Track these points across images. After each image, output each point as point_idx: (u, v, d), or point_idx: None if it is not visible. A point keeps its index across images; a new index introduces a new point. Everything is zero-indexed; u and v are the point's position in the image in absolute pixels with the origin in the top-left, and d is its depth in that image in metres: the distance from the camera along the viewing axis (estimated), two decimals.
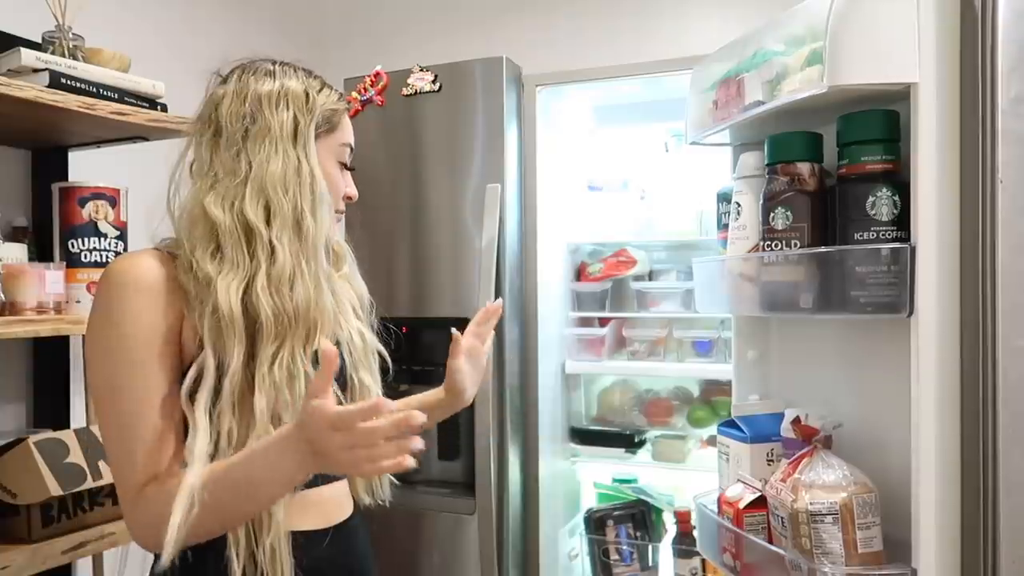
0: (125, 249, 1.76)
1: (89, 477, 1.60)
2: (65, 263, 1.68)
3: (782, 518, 1.27)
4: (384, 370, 1.30)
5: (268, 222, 1.10)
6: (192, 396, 1.04)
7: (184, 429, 1.05)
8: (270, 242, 1.09)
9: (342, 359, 1.19)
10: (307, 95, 1.19)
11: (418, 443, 0.93)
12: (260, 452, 0.99)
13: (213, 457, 1.02)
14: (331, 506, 1.22)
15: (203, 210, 1.09)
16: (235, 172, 1.11)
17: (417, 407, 1.00)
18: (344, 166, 1.25)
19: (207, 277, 1.06)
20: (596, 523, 2.49)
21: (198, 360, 1.05)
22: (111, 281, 1.05)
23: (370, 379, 1.25)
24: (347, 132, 1.25)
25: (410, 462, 0.92)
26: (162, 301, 1.05)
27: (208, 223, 1.09)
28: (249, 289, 1.07)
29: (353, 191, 1.27)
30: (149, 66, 1.84)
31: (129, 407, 1.03)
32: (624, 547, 2.45)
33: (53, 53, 1.62)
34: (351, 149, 1.26)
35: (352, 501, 1.27)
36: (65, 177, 1.90)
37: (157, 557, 0.99)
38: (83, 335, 1.91)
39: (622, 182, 2.65)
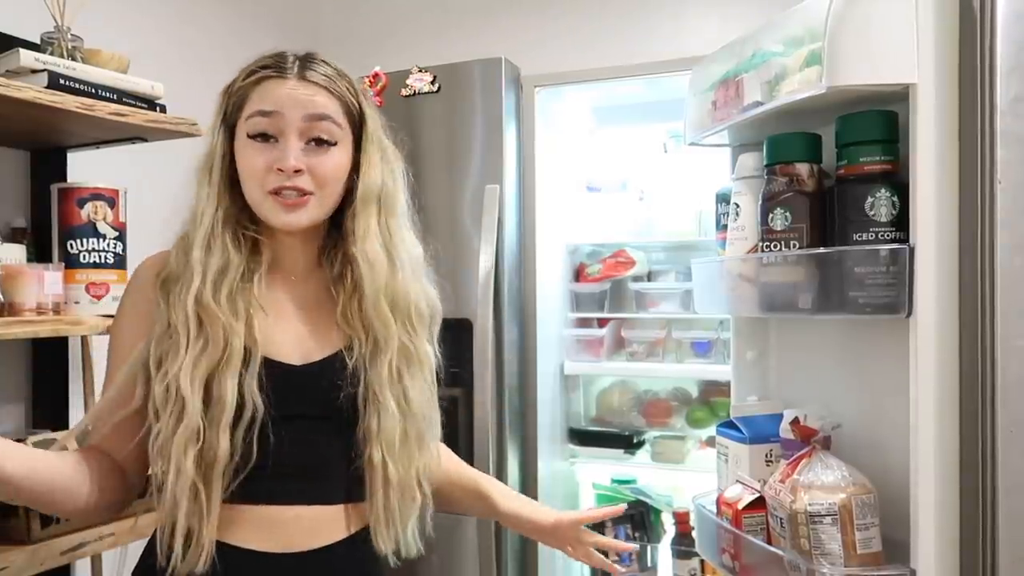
0: (124, 250, 1.76)
1: None
2: (64, 264, 1.68)
3: (781, 519, 1.27)
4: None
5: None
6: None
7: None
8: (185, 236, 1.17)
9: (343, 363, 1.14)
10: (226, 88, 1.19)
11: None
12: None
13: None
14: (295, 529, 1.11)
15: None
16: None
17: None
18: (260, 138, 1.11)
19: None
20: (595, 524, 2.49)
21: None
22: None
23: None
24: (255, 101, 1.12)
25: None
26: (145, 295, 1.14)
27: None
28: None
29: (284, 162, 1.09)
30: (148, 67, 1.83)
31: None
32: None
33: (52, 54, 1.62)
34: (262, 115, 1.11)
35: (342, 531, 1.14)
36: (64, 178, 1.90)
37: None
38: (83, 336, 1.92)
39: (621, 183, 2.65)
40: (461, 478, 1.39)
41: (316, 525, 1.12)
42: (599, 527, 2.47)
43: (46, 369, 1.93)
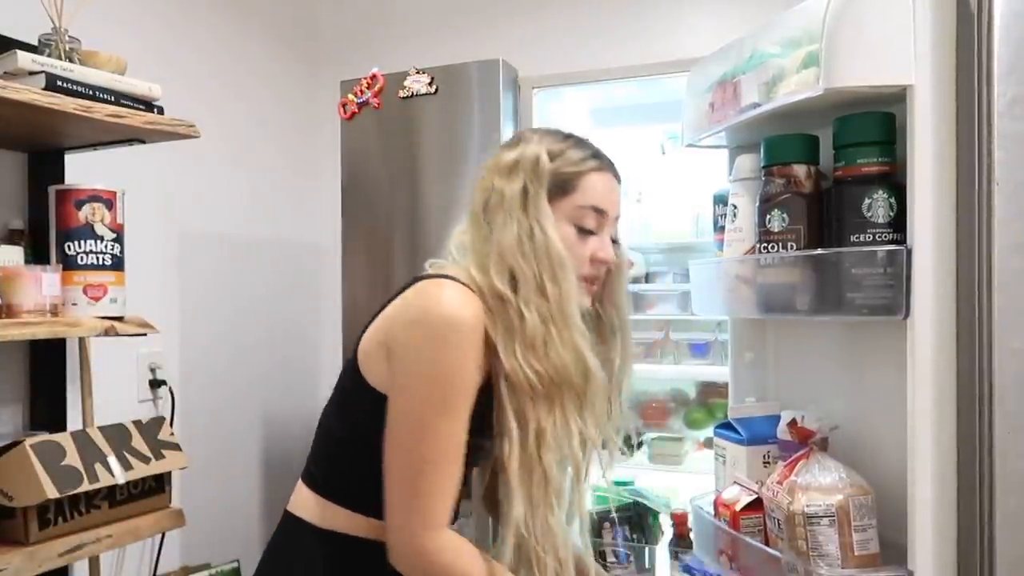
0: (122, 252, 1.76)
1: (86, 480, 1.60)
2: (61, 265, 1.67)
3: (778, 520, 1.27)
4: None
5: (515, 289, 1.12)
6: (505, 460, 1.11)
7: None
8: (519, 308, 1.12)
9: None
10: (538, 159, 1.20)
11: None
12: None
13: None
14: None
15: (470, 275, 1.15)
16: (483, 240, 1.18)
17: None
18: (584, 230, 1.20)
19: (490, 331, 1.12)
20: (593, 525, 2.49)
21: (500, 426, 1.11)
22: (452, 324, 1.09)
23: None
24: (587, 194, 1.20)
25: None
26: (482, 345, 1.11)
27: (475, 286, 1.14)
28: (517, 354, 1.11)
29: (604, 254, 1.21)
30: (146, 68, 1.83)
31: (444, 456, 1.09)
32: (620, 549, 2.45)
33: (49, 56, 1.61)
34: (595, 212, 1.20)
35: None
36: (61, 179, 1.90)
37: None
38: (81, 338, 1.92)
39: None
40: None
41: None
42: (597, 527, 2.47)
43: (44, 371, 1.92)
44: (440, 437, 1.08)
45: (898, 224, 1.20)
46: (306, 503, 1.22)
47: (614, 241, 1.25)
